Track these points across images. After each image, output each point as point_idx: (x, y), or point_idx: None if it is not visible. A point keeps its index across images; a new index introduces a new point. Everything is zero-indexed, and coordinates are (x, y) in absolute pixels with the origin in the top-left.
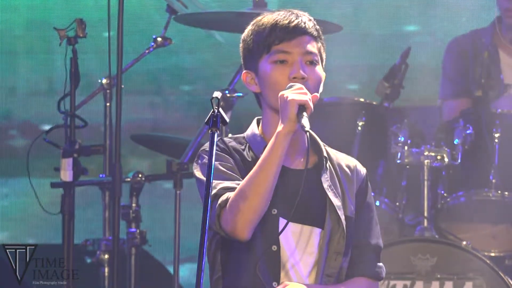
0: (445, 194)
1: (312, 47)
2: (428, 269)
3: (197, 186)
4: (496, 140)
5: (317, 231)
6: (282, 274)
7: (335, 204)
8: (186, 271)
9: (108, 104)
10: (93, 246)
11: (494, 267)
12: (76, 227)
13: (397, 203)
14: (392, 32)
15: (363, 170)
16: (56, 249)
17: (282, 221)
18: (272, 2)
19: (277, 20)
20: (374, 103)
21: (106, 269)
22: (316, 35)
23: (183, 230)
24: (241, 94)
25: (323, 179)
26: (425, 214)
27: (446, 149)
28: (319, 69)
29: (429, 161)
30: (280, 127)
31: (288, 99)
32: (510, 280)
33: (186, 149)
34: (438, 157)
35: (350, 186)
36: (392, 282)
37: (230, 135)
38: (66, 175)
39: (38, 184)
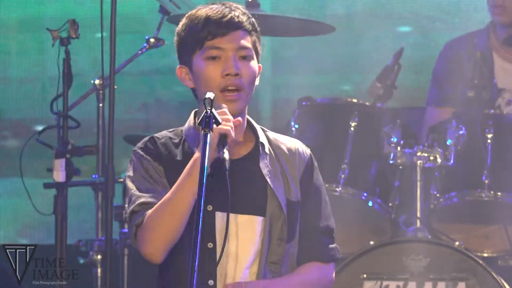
0: (438, 195)
1: (246, 41)
2: (421, 270)
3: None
4: (489, 141)
5: (258, 219)
6: (220, 270)
7: (274, 190)
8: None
9: (101, 104)
10: (86, 246)
11: (487, 268)
12: (69, 228)
13: (390, 204)
14: (385, 33)
15: (306, 151)
16: (49, 250)
17: (219, 215)
18: (265, 3)
19: (209, 15)
20: (367, 103)
21: (99, 270)
22: (251, 28)
23: None
24: None
25: (262, 165)
26: (418, 214)
27: (439, 149)
28: (253, 64)
29: (422, 161)
30: (197, 153)
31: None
32: (503, 281)
33: None
34: (431, 158)
35: (292, 170)
36: (384, 283)
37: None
38: (59, 175)
39: (30, 184)
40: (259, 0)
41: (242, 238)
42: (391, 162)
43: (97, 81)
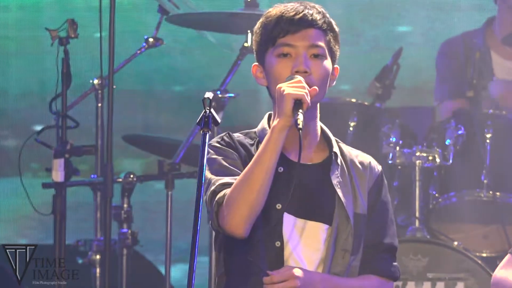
0: (436, 195)
1: (319, 41)
2: (420, 270)
3: None
4: (488, 141)
5: (323, 227)
6: None
7: (343, 201)
8: (178, 272)
9: (99, 104)
10: (85, 246)
11: (486, 268)
12: (68, 228)
13: None
14: (384, 33)
15: (378, 167)
16: (48, 250)
17: (286, 216)
18: (264, 2)
19: (283, 12)
20: (366, 103)
21: (98, 270)
22: (326, 28)
23: (174, 230)
24: (232, 95)
25: (332, 175)
26: (417, 214)
27: (437, 149)
28: (326, 63)
29: (420, 161)
30: (275, 121)
31: (284, 93)
32: None
33: (177, 150)
34: (430, 158)
35: (363, 183)
36: None
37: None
38: (58, 175)
39: (29, 184)
40: (258, 0)
41: (306, 244)
42: (390, 162)
43: (96, 81)
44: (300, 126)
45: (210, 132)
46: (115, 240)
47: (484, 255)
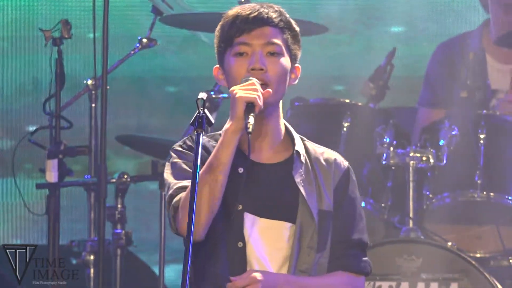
0: (430, 195)
1: (275, 38)
2: (414, 270)
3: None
4: (482, 141)
5: (287, 225)
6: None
7: (306, 199)
8: (171, 272)
9: (93, 105)
10: (79, 247)
11: (480, 268)
12: (61, 228)
13: (383, 204)
14: (377, 33)
15: (344, 164)
16: (42, 250)
17: (248, 216)
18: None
19: (239, 12)
20: (360, 104)
21: (92, 270)
22: (282, 26)
23: (168, 231)
24: (226, 95)
25: (295, 174)
26: (411, 215)
27: (431, 150)
28: (283, 60)
29: (414, 162)
30: (228, 124)
31: (236, 96)
32: (495, 281)
33: None
34: (424, 158)
35: (327, 181)
36: (377, 283)
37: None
38: (51, 176)
39: (23, 185)
40: (252, 0)
41: (269, 243)
42: (383, 162)
43: (89, 82)
44: (250, 130)
45: (204, 133)
46: (109, 241)
47: (478, 255)
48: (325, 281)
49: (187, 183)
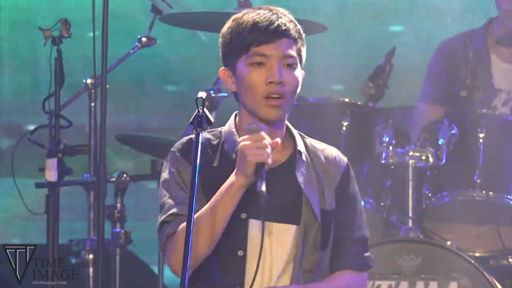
0: (429, 194)
1: (291, 50)
2: (413, 269)
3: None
4: (481, 140)
5: (292, 227)
6: (247, 278)
7: (310, 199)
8: (171, 272)
9: (92, 104)
10: (78, 246)
11: (479, 267)
12: (61, 227)
13: (382, 203)
14: (377, 32)
15: (343, 160)
16: (41, 249)
17: (252, 222)
18: (257, 2)
19: (257, 21)
20: (359, 103)
21: (91, 269)
22: (297, 36)
23: None
24: (225, 94)
25: (298, 174)
26: (410, 214)
27: (430, 149)
28: (297, 72)
29: (413, 161)
30: (233, 178)
31: (247, 158)
32: (494, 280)
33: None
34: (423, 157)
35: (328, 178)
36: (377, 283)
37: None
38: (51, 175)
39: (22, 184)
40: (254, 2)
41: (274, 246)
42: (383, 161)
43: (89, 81)
44: (264, 194)
45: (203, 132)
46: (108, 240)
47: (477, 254)
48: (330, 285)
49: (182, 210)
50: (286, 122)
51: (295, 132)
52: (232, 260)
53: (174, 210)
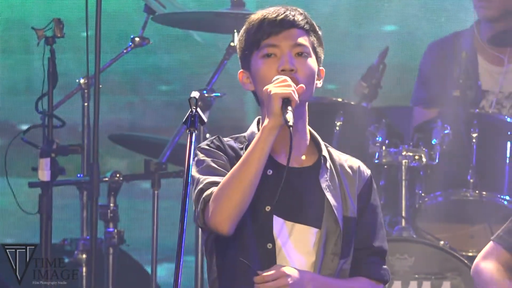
0: (423, 194)
1: (302, 39)
2: (406, 269)
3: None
4: (474, 140)
5: (313, 230)
6: None
7: (332, 205)
8: (164, 271)
9: (86, 103)
10: (71, 245)
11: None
12: (54, 227)
13: None
14: (370, 32)
15: (367, 172)
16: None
17: (275, 219)
18: (250, 2)
19: (265, 16)
20: (352, 103)
21: (84, 269)
22: (308, 28)
23: (161, 229)
24: (219, 94)
25: (321, 179)
26: (403, 214)
27: (424, 149)
28: (310, 61)
29: (407, 161)
30: (265, 122)
31: (271, 93)
32: None
33: (164, 149)
34: (416, 157)
35: (352, 187)
36: None
37: (208, 135)
38: (44, 174)
39: (15, 183)
40: (252, 1)
41: (296, 246)
42: (376, 161)
43: (82, 80)
44: (291, 123)
45: (196, 132)
46: (101, 239)
47: (470, 254)
48: (349, 284)
49: (218, 178)
50: (311, 129)
51: (320, 140)
52: (264, 252)
53: (209, 179)
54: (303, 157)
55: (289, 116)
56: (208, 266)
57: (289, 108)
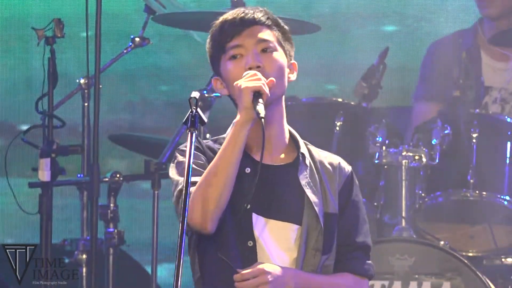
0: (423, 194)
1: (265, 34)
2: (406, 269)
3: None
4: (474, 140)
5: (294, 227)
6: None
7: (312, 201)
8: (164, 271)
9: (86, 104)
10: (71, 246)
11: (472, 267)
12: (54, 227)
13: (375, 203)
14: (370, 32)
15: (347, 168)
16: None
17: (255, 217)
18: (250, 2)
19: (225, 18)
20: (352, 103)
21: (84, 269)
22: (270, 23)
23: (161, 230)
24: (219, 94)
25: (300, 176)
26: (403, 214)
27: (424, 149)
28: (277, 55)
29: (407, 161)
30: (237, 117)
31: (242, 87)
32: (488, 280)
33: (164, 149)
34: (416, 157)
35: (332, 184)
36: (370, 283)
37: (208, 135)
38: (44, 175)
39: (16, 184)
40: (246, 2)
41: (277, 244)
42: (376, 161)
43: (82, 80)
44: (262, 115)
45: (196, 132)
46: (101, 240)
47: (471, 254)
48: (332, 280)
49: (196, 178)
50: (289, 127)
51: (299, 138)
52: (245, 249)
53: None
54: (282, 155)
55: (260, 108)
56: (191, 266)
57: (260, 100)
